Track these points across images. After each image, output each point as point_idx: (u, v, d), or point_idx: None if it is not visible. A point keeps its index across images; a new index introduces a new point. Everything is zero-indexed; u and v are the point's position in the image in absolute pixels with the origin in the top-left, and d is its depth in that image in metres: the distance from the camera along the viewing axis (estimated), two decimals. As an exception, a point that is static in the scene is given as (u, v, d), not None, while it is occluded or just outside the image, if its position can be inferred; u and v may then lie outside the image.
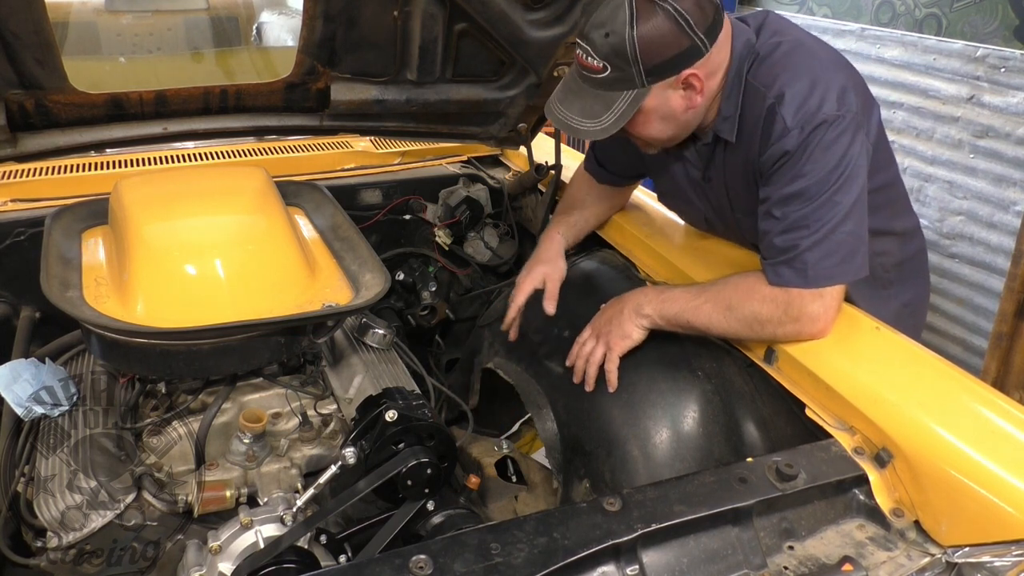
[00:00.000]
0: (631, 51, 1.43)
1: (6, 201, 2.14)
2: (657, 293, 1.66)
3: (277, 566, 1.24)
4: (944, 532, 1.25)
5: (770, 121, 1.50)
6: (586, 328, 1.74)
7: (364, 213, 2.42)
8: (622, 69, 1.45)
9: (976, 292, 3.32)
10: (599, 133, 1.52)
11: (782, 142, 1.49)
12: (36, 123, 1.86)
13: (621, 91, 1.48)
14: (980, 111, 3.17)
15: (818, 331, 1.51)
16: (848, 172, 1.47)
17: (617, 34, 1.43)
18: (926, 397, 1.38)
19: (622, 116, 1.49)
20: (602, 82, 1.49)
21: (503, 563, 1.08)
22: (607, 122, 1.50)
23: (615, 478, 1.60)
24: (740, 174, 1.64)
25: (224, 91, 1.97)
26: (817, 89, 1.48)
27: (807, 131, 1.46)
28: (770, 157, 1.51)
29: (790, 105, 1.48)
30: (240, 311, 1.54)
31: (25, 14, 1.59)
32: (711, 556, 1.19)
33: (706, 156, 1.69)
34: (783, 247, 1.50)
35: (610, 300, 1.74)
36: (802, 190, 1.48)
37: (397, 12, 1.90)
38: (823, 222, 1.47)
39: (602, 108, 1.50)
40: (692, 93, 1.51)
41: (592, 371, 1.68)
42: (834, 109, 1.47)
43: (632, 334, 1.65)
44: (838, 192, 1.47)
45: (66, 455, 1.49)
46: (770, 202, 1.53)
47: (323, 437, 1.67)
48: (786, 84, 1.50)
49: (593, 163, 2.03)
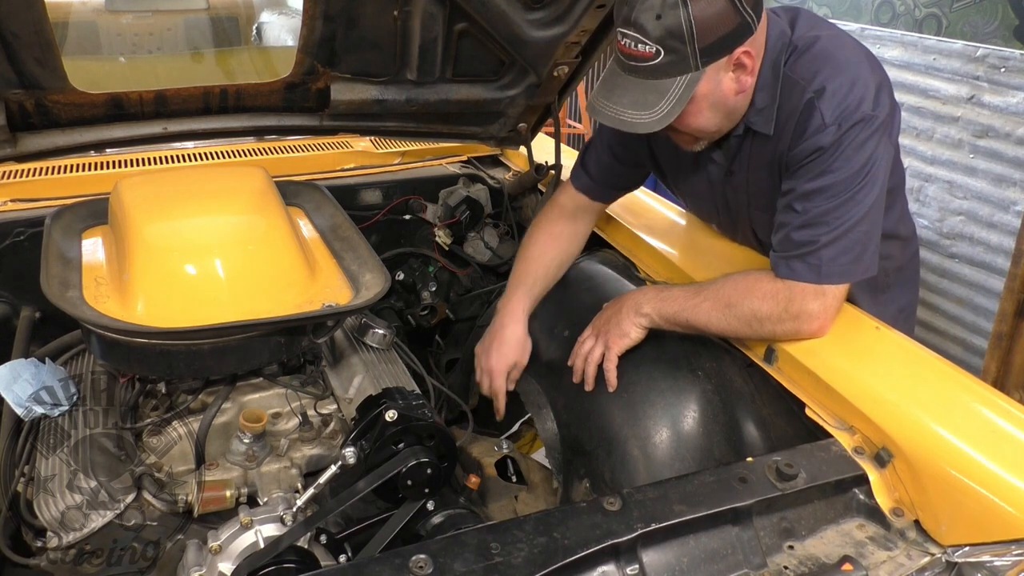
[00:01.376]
0: (687, 30, 1.39)
1: (6, 201, 2.14)
2: (656, 292, 1.66)
3: (277, 566, 1.24)
4: (944, 532, 1.25)
5: (807, 115, 1.49)
6: (587, 328, 1.73)
7: (364, 213, 2.42)
8: (676, 51, 1.41)
9: (976, 292, 3.31)
10: (655, 124, 1.46)
11: (818, 137, 1.47)
12: (36, 123, 1.86)
13: (675, 76, 1.43)
14: (980, 111, 3.17)
15: (816, 329, 1.51)
16: (873, 172, 1.47)
17: (671, 15, 1.38)
18: (926, 397, 1.38)
19: (678, 102, 1.44)
20: (654, 69, 1.43)
21: (503, 563, 1.08)
22: (663, 111, 1.44)
23: (615, 478, 1.60)
24: (766, 167, 1.62)
25: (224, 91, 1.97)
26: (857, 87, 1.48)
27: (844, 128, 1.46)
28: (802, 151, 1.50)
29: (830, 100, 1.47)
30: (240, 311, 1.54)
31: (25, 14, 1.59)
32: (711, 556, 1.19)
33: (733, 150, 1.66)
34: (800, 241, 1.50)
35: (611, 300, 1.74)
36: (828, 186, 1.47)
37: (397, 12, 1.90)
38: (843, 220, 1.47)
39: (656, 97, 1.45)
40: (742, 74, 1.48)
41: (591, 370, 1.68)
42: (870, 108, 1.47)
43: (630, 333, 1.65)
44: (861, 191, 1.47)
45: (66, 455, 1.49)
46: (792, 195, 1.52)
47: (323, 437, 1.67)
48: (828, 79, 1.48)
49: (585, 179, 1.94)
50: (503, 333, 1.85)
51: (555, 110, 2.31)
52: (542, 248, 1.92)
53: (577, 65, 2.16)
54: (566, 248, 1.95)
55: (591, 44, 2.07)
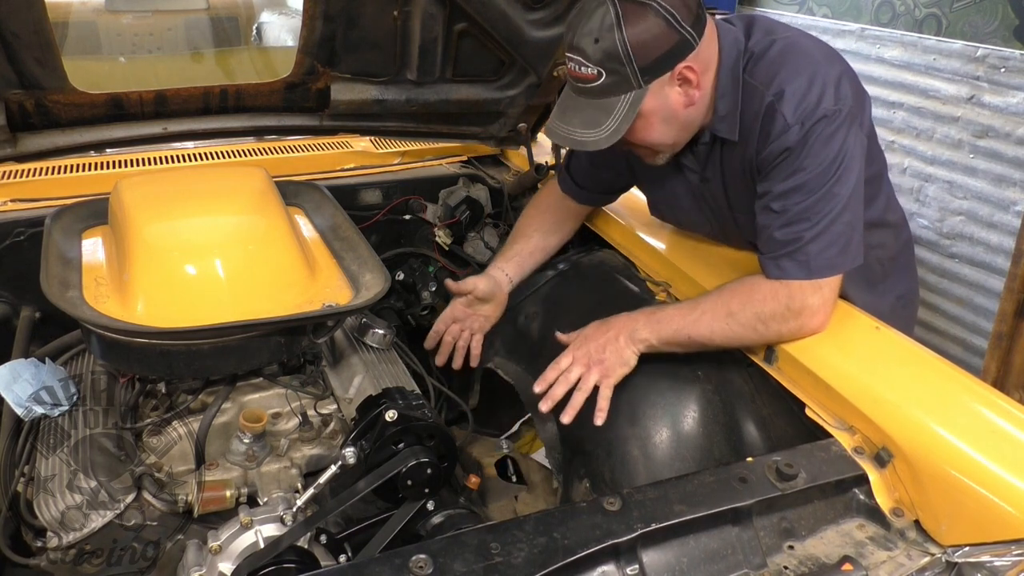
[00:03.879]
0: (623, 52, 1.43)
1: (6, 201, 2.13)
2: (648, 316, 1.63)
3: (277, 566, 1.24)
4: (944, 532, 1.25)
5: (770, 118, 1.51)
6: (565, 354, 1.65)
7: (364, 213, 2.41)
8: (616, 72, 1.45)
9: (976, 292, 3.31)
10: (604, 141, 1.50)
11: (783, 139, 1.49)
12: (36, 123, 1.86)
13: (619, 95, 1.48)
14: (980, 111, 3.17)
15: (818, 324, 1.52)
16: (845, 164, 1.49)
17: (607, 38, 1.43)
18: (926, 397, 1.38)
19: (624, 119, 1.49)
20: (599, 89, 1.48)
21: (503, 563, 1.08)
22: (610, 128, 1.49)
23: (615, 478, 1.60)
24: (739, 172, 1.64)
25: (224, 91, 1.97)
26: (815, 85, 1.49)
27: (807, 127, 1.48)
28: (770, 153, 1.52)
29: (790, 102, 1.49)
30: (240, 311, 1.54)
31: (25, 14, 1.59)
32: (711, 556, 1.19)
33: (703, 157, 1.69)
34: (784, 240, 1.51)
35: (590, 325, 1.67)
36: (802, 184, 1.49)
37: (397, 12, 1.90)
38: (823, 214, 1.48)
39: (603, 115, 1.49)
40: (689, 88, 1.51)
41: (580, 399, 1.59)
42: (832, 103, 1.49)
43: (630, 361, 1.62)
44: (836, 184, 1.48)
45: (66, 455, 1.49)
46: (769, 196, 1.54)
47: (323, 437, 1.67)
48: (785, 81, 1.51)
49: (569, 183, 2.00)
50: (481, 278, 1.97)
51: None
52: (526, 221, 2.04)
53: (577, 65, 2.16)
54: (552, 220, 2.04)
55: (591, 44, 2.07)
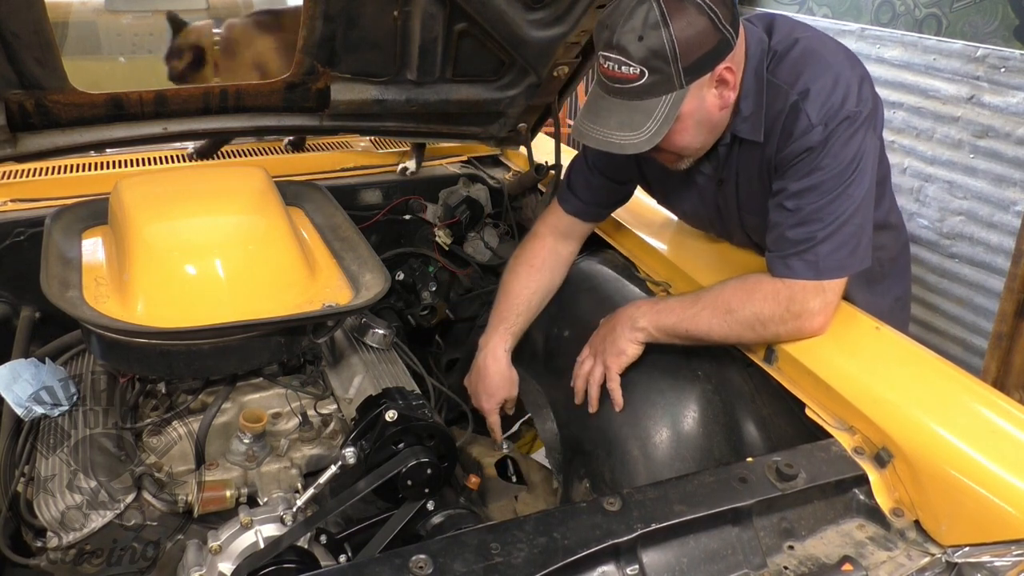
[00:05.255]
0: (670, 50, 1.40)
1: (6, 201, 2.14)
2: (651, 305, 1.64)
3: (277, 566, 1.24)
4: (944, 532, 1.25)
5: (793, 117, 1.50)
6: (585, 347, 1.72)
7: (364, 213, 2.42)
8: (660, 71, 1.41)
9: (976, 292, 3.31)
10: (644, 144, 1.46)
11: (806, 138, 1.49)
12: (36, 123, 1.85)
13: (660, 96, 1.44)
14: (980, 111, 3.17)
15: (818, 327, 1.51)
16: (861, 166, 1.49)
17: (652, 36, 1.39)
18: (926, 397, 1.38)
19: (665, 121, 1.45)
20: (639, 90, 1.44)
21: (503, 563, 1.08)
22: (651, 130, 1.45)
23: (615, 478, 1.60)
24: (755, 172, 1.63)
25: (224, 91, 1.97)
26: (840, 86, 1.49)
27: (831, 127, 1.47)
28: (791, 152, 1.51)
29: (815, 101, 1.48)
30: (240, 311, 1.54)
31: (25, 14, 1.59)
32: (711, 556, 1.19)
33: (722, 158, 1.67)
34: (796, 239, 1.51)
35: (606, 316, 1.71)
36: (819, 183, 1.49)
37: (397, 12, 1.90)
38: (836, 215, 1.48)
39: (643, 117, 1.45)
40: (725, 90, 1.50)
41: (594, 391, 1.66)
42: (854, 105, 1.48)
43: (627, 350, 1.63)
44: (852, 185, 1.48)
45: (66, 455, 1.49)
46: (784, 194, 1.53)
47: (323, 437, 1.67)
48: (810, 80, 1.50)
49: (575, 202, 1.91)
50: (487, 372, 1.86)
51: (555, 110, 2.31)
52: (523, 282, 1.90)
53: (577, 65, 2.16)
54: (548, 278, 1.93)
55: (591, 44, 2.07)
